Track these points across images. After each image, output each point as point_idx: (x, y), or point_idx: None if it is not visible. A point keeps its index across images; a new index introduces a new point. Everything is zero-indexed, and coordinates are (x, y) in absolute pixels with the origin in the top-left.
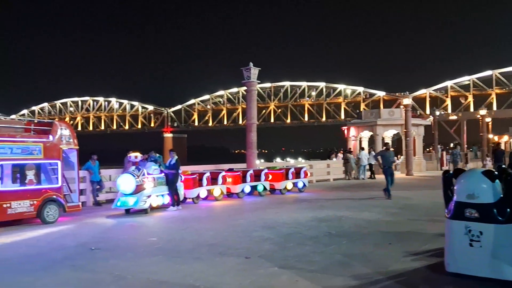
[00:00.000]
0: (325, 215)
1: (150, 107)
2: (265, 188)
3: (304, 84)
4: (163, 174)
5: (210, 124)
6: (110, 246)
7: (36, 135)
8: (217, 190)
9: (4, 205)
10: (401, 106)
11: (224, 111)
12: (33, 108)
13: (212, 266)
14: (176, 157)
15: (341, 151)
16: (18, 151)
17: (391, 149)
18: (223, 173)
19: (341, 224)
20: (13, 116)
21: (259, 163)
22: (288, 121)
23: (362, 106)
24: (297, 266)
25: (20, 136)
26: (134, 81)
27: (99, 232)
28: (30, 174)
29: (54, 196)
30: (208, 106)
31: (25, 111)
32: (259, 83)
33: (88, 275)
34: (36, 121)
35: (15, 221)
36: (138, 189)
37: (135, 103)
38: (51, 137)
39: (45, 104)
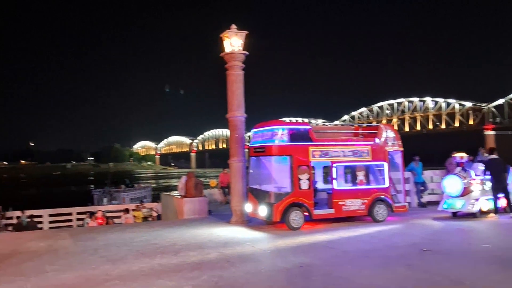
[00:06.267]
0: None
1: (468, 104)
2: None
3: None
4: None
5: None
6: (441, 248)
7: (364, 138)
8: None
9: (340, 203)
10: None
11: None
12: (353, 113)
13: None
14: (491, 156)
15: None
16: (349, 153)
17: None
18: None
19: None
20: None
21: None
22: None
23: None
24: None
25: (350, 140)
26: (449, 77)
27: (427, 233)
28: (360, 175)
29: (382, 196)
30: None
31: (345, 117)
32: None
33: (423, 275)
34: (362, 125)
35: (348, 217)
36: (465, 191)
37: (451, 100)
38: (377, 140)
39: (364, 109)
